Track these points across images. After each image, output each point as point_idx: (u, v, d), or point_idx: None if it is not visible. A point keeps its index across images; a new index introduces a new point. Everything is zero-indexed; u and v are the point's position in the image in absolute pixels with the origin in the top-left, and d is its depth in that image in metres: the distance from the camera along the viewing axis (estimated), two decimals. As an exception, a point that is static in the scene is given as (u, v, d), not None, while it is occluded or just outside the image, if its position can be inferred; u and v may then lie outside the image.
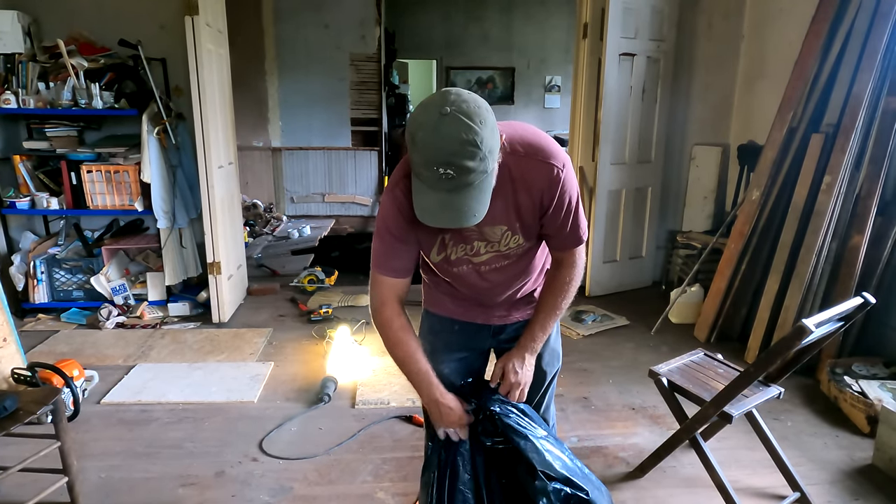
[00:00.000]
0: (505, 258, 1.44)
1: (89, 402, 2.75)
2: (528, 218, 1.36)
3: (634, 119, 4.04)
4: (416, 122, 1.14)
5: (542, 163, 1.29)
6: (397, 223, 1.35)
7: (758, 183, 3.38)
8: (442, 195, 1.16)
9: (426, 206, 1.19)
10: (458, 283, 1.52)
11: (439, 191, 1.15)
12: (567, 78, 8.62)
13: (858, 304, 1.85)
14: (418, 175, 1.18)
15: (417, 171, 1.18)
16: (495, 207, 1.29)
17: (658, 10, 3.92)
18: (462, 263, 1.44)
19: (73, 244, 3.89)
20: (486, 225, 1.33)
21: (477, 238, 1.39)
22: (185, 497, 2.13)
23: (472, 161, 1.11)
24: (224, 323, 3.71)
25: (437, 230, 1.34)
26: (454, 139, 1.10)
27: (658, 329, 3.61)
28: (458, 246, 1.40)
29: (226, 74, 3.88)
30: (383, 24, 6.87)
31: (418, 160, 1.15)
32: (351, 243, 5.99)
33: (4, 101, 3.44)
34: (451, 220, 1.19)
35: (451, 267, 1.45)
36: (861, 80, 2.95)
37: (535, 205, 1.34)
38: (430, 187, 1.16)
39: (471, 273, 1.46)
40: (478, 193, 1.16)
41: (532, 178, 1.30)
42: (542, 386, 1.68)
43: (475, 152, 1.11)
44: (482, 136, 1.11)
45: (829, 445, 2.45)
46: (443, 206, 1.17)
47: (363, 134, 6.93)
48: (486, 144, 1.12)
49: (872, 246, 2.91)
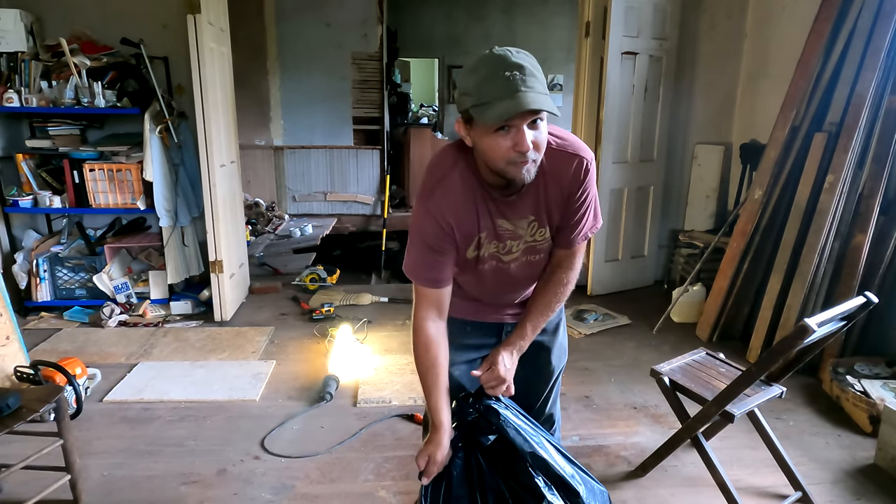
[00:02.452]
0: (531, 252, 1.44)
1: (92, 401, 2.75)
2: (555, 210, 1.39)
3: (636, 118, 4.03)
4: (473, 59, 1.22)
5: (572, 154, 1.34)
6: (436, 234, 1.34)
7: (760, 182, 3.37)
8: (511, 97, 1.15)
9: (500, 109, 1.16)
10: (478, 283, 1.50)
11: (507, 97, 1.15)
12: (569, 77, 8.60)
13: (861, 303, 1.85)
14: (482, 98, 1.17)
15: (480, 94, 1.18)
16: (526, 200, 1.34)
17: (660, 8, 3.91)
18: (491, 260, 1.44)
19: (75, 242, 3.90)
20: (518, 217, 1.37)
21: (510, 237, 1.40)
22: (187, 495, 2.14)
23: (534, 68, 1.18)
24: (226, 321, 3.71)
25: (475, 230, 1.36)
26: (513, 54, 1.18)
27: (660, 328, 3.61)
28: (492, 243, 1.41)
29: (228, 73, 3.88)
30: (385, 23, 6.87)
31: (481, 78, 1.18)
32: (353, 242, 5.99)
33: (7, 100, 3.44)
34: (526, 102, 1.14)
35: (480, 265, 1.44)
36: (864, 78, 2.95)
37: (564, 196, 1.37)
38: (498, 99, 1.16)
39: (495, 271, 1.45)
40: (542, 96, 1.17)
41: (562, 168, 1.34)
42: (550, 381, 1.69)
43: (534, 63, 1.19)
44: (536, 64, 1.19)
45: (831, 445, 2.45)
46: (515, 100, 1.15)
47: (365, 133, 6.92)
48: (539, 66, 1.20)
49: (875, 245, 2.91)
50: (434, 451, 1.37)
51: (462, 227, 1.35)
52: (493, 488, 1.39)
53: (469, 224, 1.36)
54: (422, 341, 1.42)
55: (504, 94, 1.15)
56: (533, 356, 1.59)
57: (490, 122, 1.17)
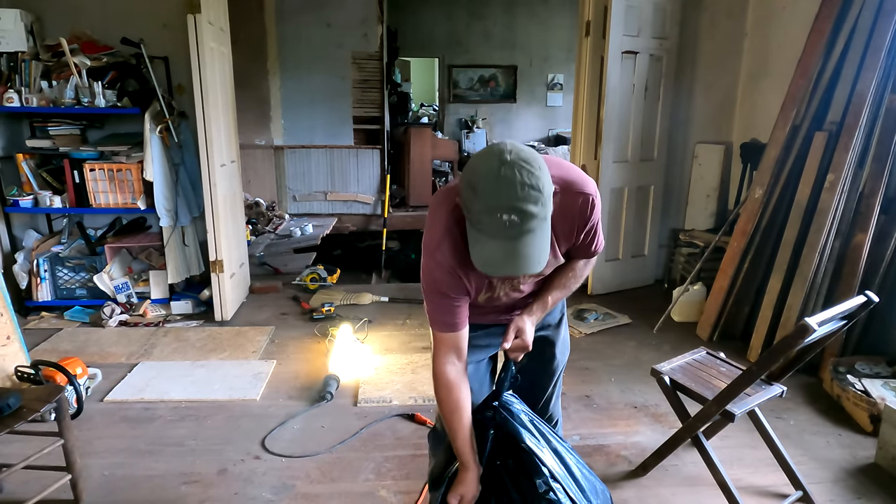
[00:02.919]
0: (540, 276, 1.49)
1: (92, 400, 2.75)
2: (563, 242, 1.42)
3: (637, 117, 4.03)
4: (476, 170, 1.15)
5: (578, 193, 1.35)
6: (449, 284, 1.35)
7: (761, 181, 3.37)
8: (504, 243, 1.14)
9: (488, 258, 1.17)
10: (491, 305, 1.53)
11: (501, 239, 1.14)
12: (569, 76, 8.60)
13: (861, 302, 1.85)
14: (478, 224, 1.16)
15: (477, 220, 1.16)
16: None
17: (661, 7, 3.91)
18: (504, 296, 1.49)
19: (76, 242, 3.90)
20: None
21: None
22: (188, 494, 2.14)
23: (535, 206, 1.12)
24: (226, 321, 3.71)
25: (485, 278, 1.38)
26: (518, 183, 1.11)
27: (660, 327, 3.61)
28: (505, 283, 1.45)
29: (228, 73, 3.88)
30: (385, 23, 6.87)
31: (480, 208, 1.14)
32: (353, 242, 5.99)
33: (7, 100, 3.44)
34: (516, 268, 1.17)
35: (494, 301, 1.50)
36: (865, 77, 2.94)
37: (571, 230, 1.40)
38: (490, 236, 1.15)
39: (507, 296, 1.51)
40: (539, 240, 1.16)
41: (569, 208, 1.35)
42: (555, 377, 1.72)
43: (538, 196, 1.12)
44: (542, 181, 1.13)
45: (831, 444, 2.45)
46: (506, 254, 1.15)
47: (365, 132, 6.92)
48: (545, 189, 1.14)
49: (876, 244, 2.91)
50: (465, 492, 1.40)
51: (474, 280, 1.38)
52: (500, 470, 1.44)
53: (479, 276, 1.37)
54: (443, 384, 1.42)
55: (498, 235, 1.14)
56: (539, 350, 1.60)
57: (478, 266, 1.19)
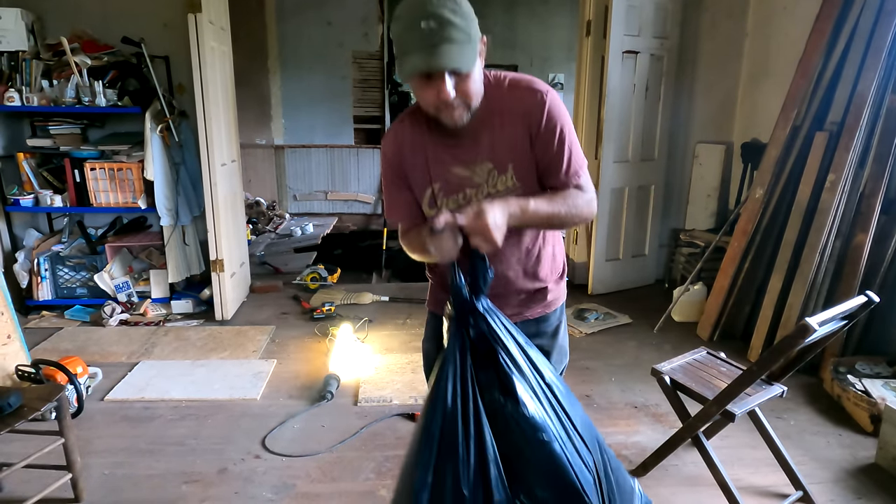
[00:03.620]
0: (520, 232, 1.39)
1: (93, 399, 2.76)
2: (520, 152, 1.33)
3: (637, 117, 4.03)
4: (400, 5, 1.19)
5: (526, 89, 1.31)
6: (391, 170, 1.39)
7: (761, 181, 3.37)
8: (425, 51, 1.15)
9: (410, 66, 1.18)
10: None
11: (422, 49, 1.15)
12: (570, 76, 8.59)
13: (862, 302, 1.84)
14: (402, 48, 1.18)
15: (401, 43, 1.18)
16: (480, 142, 1.31)
17: (661, 7, 3.91)
18: (466, 200, 1.38)
19: (76, 241, 3.90)
20: (473, 162, 1.33)
21: (468, 185, 1.36)
22: (189, 494, 2.14)
23: (453, 15, 1.14)
24: (227, 320, 3.72)
25: (426, 178, 1.36)
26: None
27: (661, 327, 3.61)
28: (450, 198, 1.37)
29: (229, 72, 3.88)
30: (386, 22, 6.87)
31: (400, 28, 1.17)
32: (353, 241, 5.99)
33: (8, 99, 3.45)
34: (435, 61, 1.16)
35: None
36: (865, 78, 2.94)
37: (524, 135, 1.31)
38: (413, 51, 1.16)
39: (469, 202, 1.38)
40: (458, 49, 1.16)
41: (516, 106, 1.30)
42: None
43: (454, 7, 1.15)
44: (459, 1, 1.17)
45: (831, 444, 2.45)
46: (426, 56, 1.16)
47: (366, 132, 6.93)
48: (463, 7, 1.17)
49: (876, 244, 2.91)
50: None
51: (414, 172, 1.37)
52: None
53: (421, 171, 1.36)
54: (407, 241, 1.42)
55: (418, 47, 1.15)
56: None
57: (403, 77, 1.20)
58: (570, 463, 1.21)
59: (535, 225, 1.35)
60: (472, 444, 1.18)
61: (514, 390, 1.21)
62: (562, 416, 1.28)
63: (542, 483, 1.20)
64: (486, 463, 1.17)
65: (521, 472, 1.20)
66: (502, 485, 1.18)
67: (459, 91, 1.21)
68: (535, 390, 1.25)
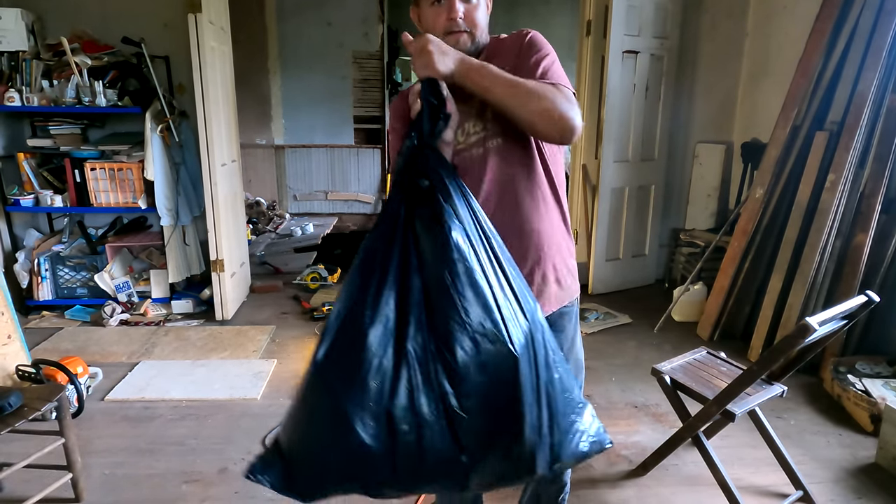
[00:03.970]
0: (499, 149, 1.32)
1: (93, 399, 2.76)
2: None
3: (638, 117, 4.03)
4: None
5: (515, 34, 1.38)
6: (400, 102, 1.42)
7: (761, 181, 3.37)
8: None
9: None
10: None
11: None
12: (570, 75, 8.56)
13: (862, 302, 1.85)
14: None
15: None
16: None
17: (662, 7, 3.91)
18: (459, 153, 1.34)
19: (76, 242, 3.91)
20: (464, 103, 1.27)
21: (464, 118, 1.31)
22: (189, 493, 2.14)
23: None
24: (227, 320, 3.72)
25: None
26: None
27: (661, 327, 3.61)
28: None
29: (229, 72, 3.88)
30: (386, 22, 6.87)
31: None
32: (354, 241, 5.98)
33: (8, 99, 3.45)
34: None
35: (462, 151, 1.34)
36: (865, 77, 2.94)
37: (511, 66, 1.27)
38: None
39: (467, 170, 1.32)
40: None
41: (504, 47, 1.37)
42: None
43: None
44: None
45: (832, 444, 2.45)
46: None
47: (366, 132, 6.93)
48: None
49: (876, 244, 2.91)
50: None
51: None
52: None
53: None
54: None
55: None
56: None
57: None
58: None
59: (495, 91, 1.20)
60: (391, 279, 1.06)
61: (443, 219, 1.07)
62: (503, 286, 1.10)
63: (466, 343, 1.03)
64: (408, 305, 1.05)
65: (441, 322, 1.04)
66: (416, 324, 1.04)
67: (466, 18, 1.29)
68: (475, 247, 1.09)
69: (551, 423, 1.08)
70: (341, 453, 1.02)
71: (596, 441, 1.15)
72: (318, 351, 1.07)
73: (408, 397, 1.01)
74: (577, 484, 2.17)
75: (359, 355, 1.02)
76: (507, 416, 1.04)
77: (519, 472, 1.08)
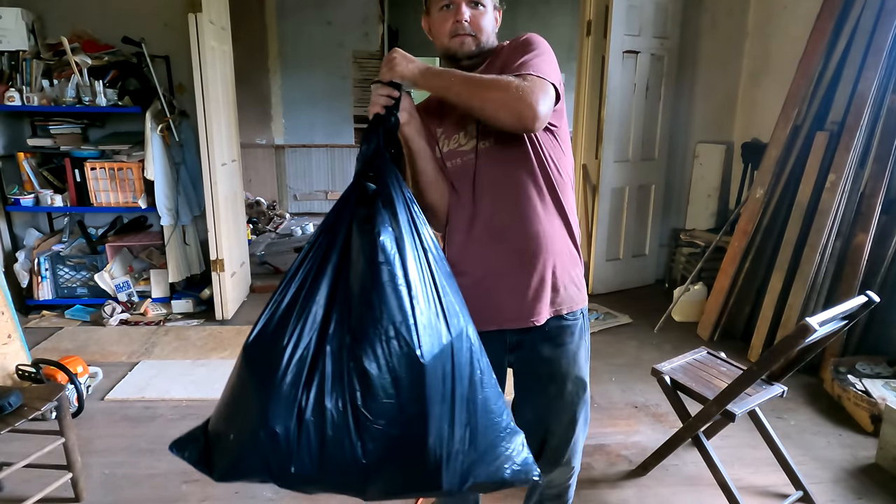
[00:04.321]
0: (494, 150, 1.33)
1: (93, 399, 2.76)
2: None
3: (638, 117, 4.03)
4: None
5: (515, 39, 1.39)
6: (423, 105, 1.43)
7: (762, 181, 3.37)
8: None
9: None
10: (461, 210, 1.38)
11: None
12: (570, 75, 8.58)
13: (862, 302, 1.84)
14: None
15: None
16: None
17: (662, 7, 3.91)
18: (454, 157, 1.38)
19: (76, 241, 3.91)
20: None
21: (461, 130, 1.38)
22: (189, 493, 2.14)
23: None
24: (227, 320, 3.71)
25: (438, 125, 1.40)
26: None
27: (661, 327, 3.61)
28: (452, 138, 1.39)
29: (229, 72, 3.88)
30: (386, 22, 6.87)
31: None
32: (354, 241, 6.00)
33: (9, 99, 3.44)
34: None
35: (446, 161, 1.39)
36: (866, 77, 2.94)
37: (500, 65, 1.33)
38: None
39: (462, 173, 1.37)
40: None
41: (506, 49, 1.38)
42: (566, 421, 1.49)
43: None
44: None
45: (832, 444, 2.45)
46: None
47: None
48: None
49: (877, 244, 2.90)
50: None
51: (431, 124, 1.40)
52: None
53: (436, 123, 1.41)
54: None
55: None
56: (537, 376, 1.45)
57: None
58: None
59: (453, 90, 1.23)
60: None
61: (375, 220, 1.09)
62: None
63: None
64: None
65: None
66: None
67: (472, 22, 1.32)
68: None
69: (468, 441, 1.06)
70: (253, 438, 1.04)
71: (520, 470, 1.13)
72: (250, 334, 1.10)
73: (318, 392, 1.02)
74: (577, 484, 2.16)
75: (281, 344, 1.05)
76: (413, 425, 1.03)
77: (423, 484, 1.08)
